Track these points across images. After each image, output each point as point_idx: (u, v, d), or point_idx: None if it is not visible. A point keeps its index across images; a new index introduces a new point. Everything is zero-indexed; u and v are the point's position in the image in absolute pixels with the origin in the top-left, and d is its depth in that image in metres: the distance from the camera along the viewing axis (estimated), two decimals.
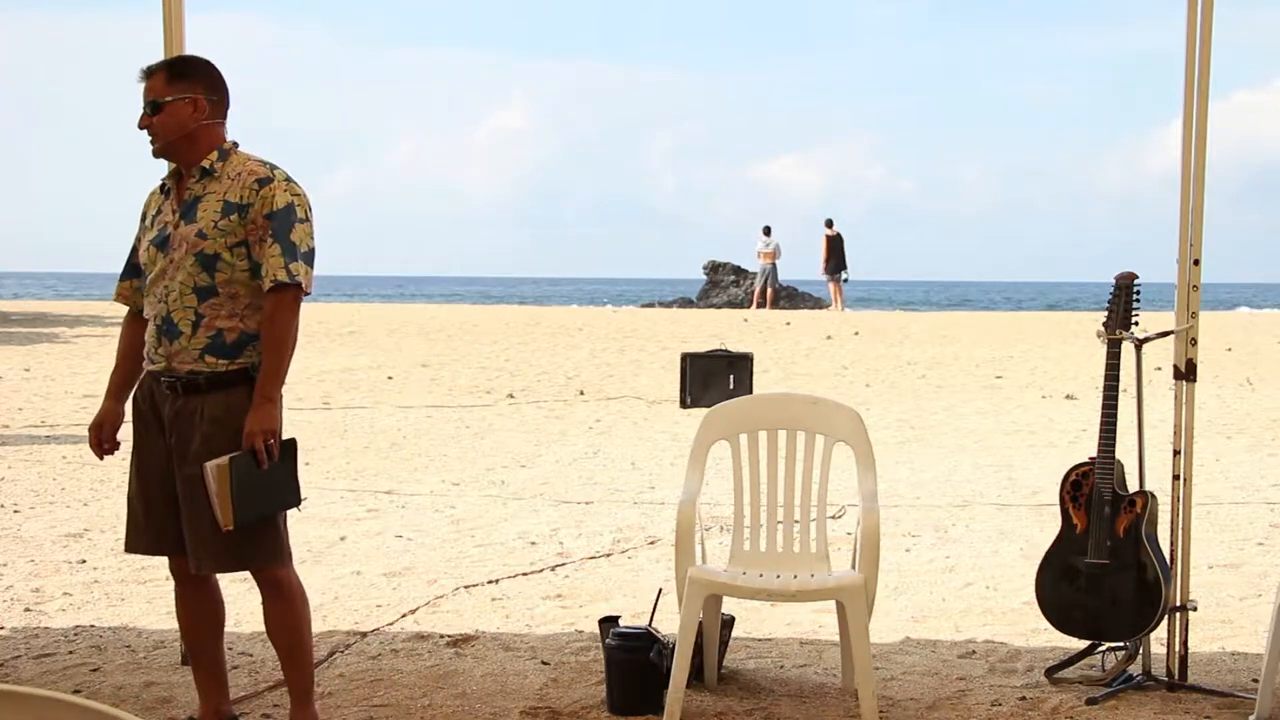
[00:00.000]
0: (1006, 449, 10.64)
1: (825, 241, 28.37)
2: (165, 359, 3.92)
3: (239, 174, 3.93)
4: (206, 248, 3.87)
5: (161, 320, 3.92)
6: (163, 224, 3.97)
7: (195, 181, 3.94)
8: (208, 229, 3.89)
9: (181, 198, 3.96)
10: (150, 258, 3.96)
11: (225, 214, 3.88)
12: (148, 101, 3.93)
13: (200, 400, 3.89)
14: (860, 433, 4.71)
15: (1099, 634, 4.74)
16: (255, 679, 4.78)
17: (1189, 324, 4.66)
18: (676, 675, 4.33)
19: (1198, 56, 4.56)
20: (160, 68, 3.99)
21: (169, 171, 4.07)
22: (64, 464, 9.55)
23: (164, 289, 3.92)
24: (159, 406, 3.96)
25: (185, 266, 3.88)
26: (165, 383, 3.93)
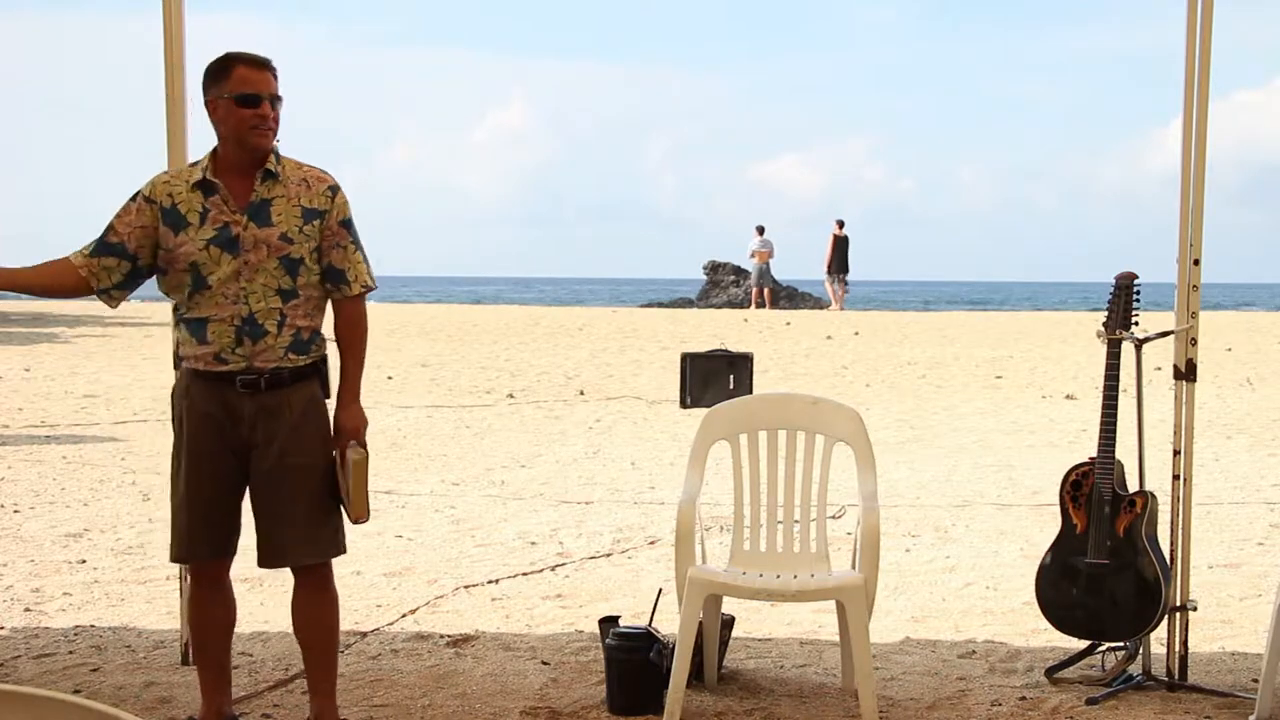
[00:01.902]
0: (1006, 449, 10.64)
1: (831, 240, 28.32)
2: (246, 358, 3.91)
3: (304, 179, 3.99)
4: (292, 252, 3.93)
5: (242, 321, 3.90)
6: (221, 223, 3.90)
7: (260, 184, 3.93)
8: (292, 234, 3.94)
9: (246, 199, 3.92)
10: (213, 258, 3.89)
11: (307, 220, 3.96)
12: (271, 95, 3.92)
13: (285, 394, 3.96)
14: (860, 433, 4.71)
15: (1099, 634, 4.74)
16: (255, 679, 4.78)
17: (1189, 324, 4.66)
18: (676, 675, 4.34)
19: (1198, 56, 4.56)
20: (271, 63, 3.96)
21: (202, 168, 3.96)
22: (64, 464, 9.55)
23: (239, 290, 3.89)
24: (232, 406, 3.92)
25: (268, 269, 3.90)
26: (242, 381, 3.91)
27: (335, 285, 4.03)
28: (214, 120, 3.96)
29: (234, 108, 3.89)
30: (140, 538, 7.20)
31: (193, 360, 3.96)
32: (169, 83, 4.82)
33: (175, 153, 4.84)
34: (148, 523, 7.57)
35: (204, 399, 3.95)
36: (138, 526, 7.49)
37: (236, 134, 3.91)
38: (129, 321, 25.52)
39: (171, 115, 4.83)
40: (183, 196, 3.93)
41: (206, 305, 3.91)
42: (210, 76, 3.95)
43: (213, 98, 3.94)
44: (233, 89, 3.89)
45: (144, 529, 7.42)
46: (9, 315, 27.02)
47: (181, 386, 4.02)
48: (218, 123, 3.95)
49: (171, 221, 3.92)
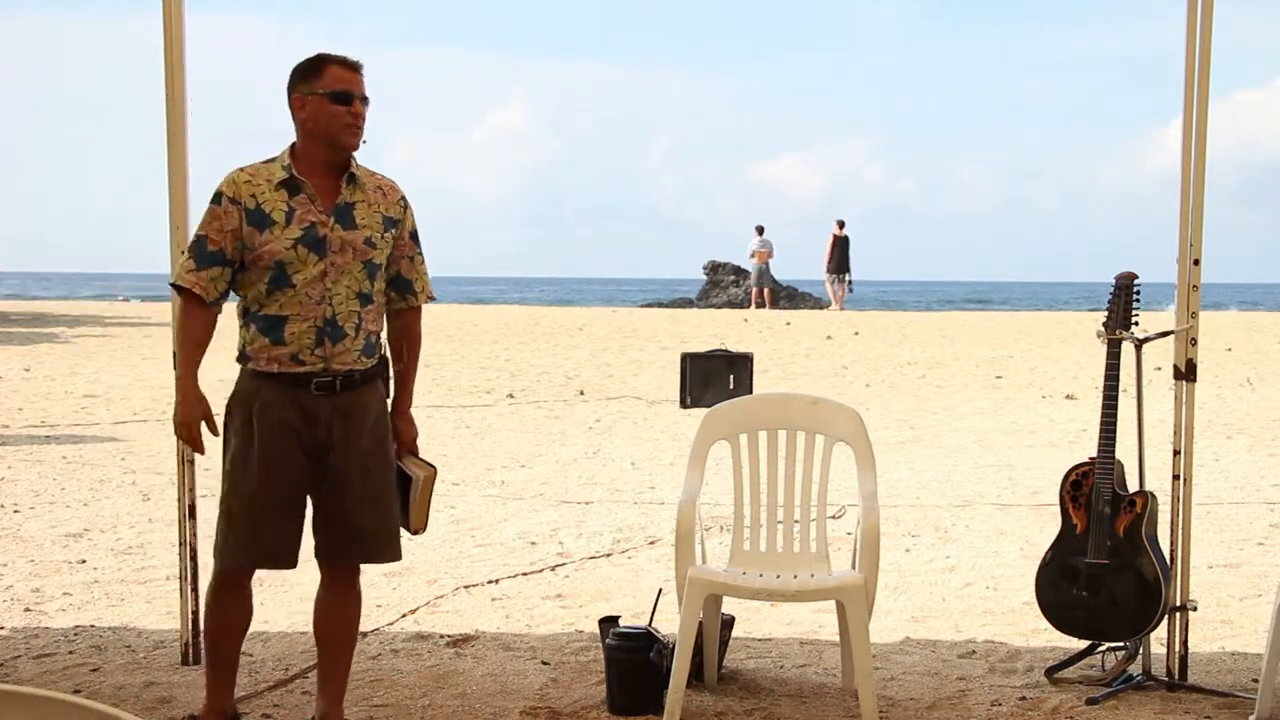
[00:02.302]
0: (1006, 449, 10.64)
1: (831, 240, 28.31)
2: (324, 360, 3.88)
3: (378, 187, 4.01)
4: (375, 257, 3.95)
5: (324, 322, 3.87)
6: (308, 223, 3.87)
7: (346, 186, 3.93)
8: (376, 240, 3.95)
9: (332, 199, 3.90)
10: (300, 257, 3.85)
11: (386, 228, 3.99)
12: (362, 95, 3.90)
13: (359, 396, 3.97)
14: (860, 433, 4.71)
15: (1099, 634, 4.74)
16: (255, 679, 4.78)
17: (1189, 324, 4.66)
18: (676, 675, 4.33)
19: (1198, 56, 4.56)
20: (362, 66, 3.94)
21: (282, 166, 3.91)
22: (64, 464, 9.55)
23: (323, 291, 3.87)
24: (307, 408, 3.89)
25: (352, 272, 3.90)
26: (318, 383, 3.89)
27: (401, 295, 4.07)
28: (300, 117, 3.92)
29: (327, 104, 3.86)
30: (140, 538, 7.19)
31: (265, 361, 3.89)
32: (169, 83, 4.82)
33: (175, 153, 4.84)
34: (148, 523, 7.57)
35: (278, 401, 3.89)
36: (138, 526, 7.49)
37: (327, 131, 3.88)
38: (129, 321, 25.52)
39: (171, 115, 4.83)
40: (266, 196, 3.88)
41: (288, 304, 3.86)
42: (300, 74, 3.91)
43: (302, 94, 3.89)
44: (326, 86, 3.86)
45: (144, 529, 7.42)
46: (9, 315, 27.02)
47: (249, 388, 3.94)
48: (305, 119, 3.90)
49: (256, 221, 3.86)
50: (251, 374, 3.94)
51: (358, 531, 3.98)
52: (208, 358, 4.05)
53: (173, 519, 5.29)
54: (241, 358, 3.97)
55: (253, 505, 3.94)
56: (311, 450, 3.92)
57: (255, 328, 3.91)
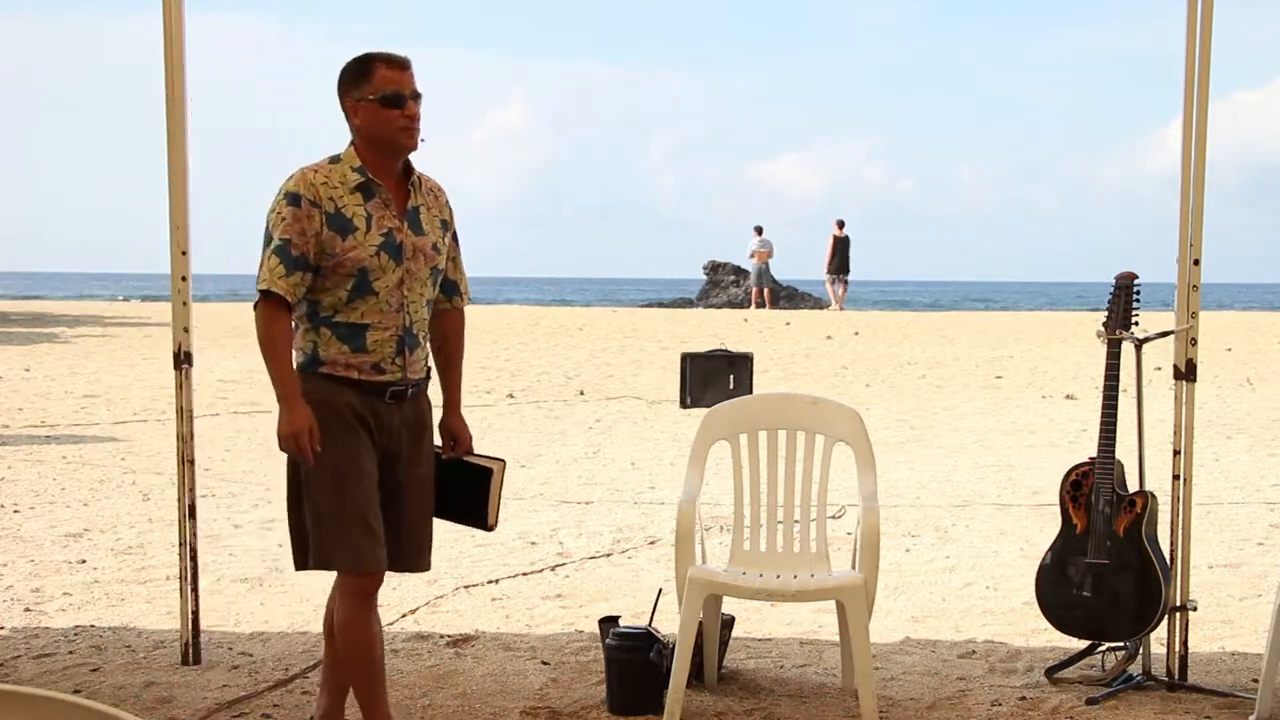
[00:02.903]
0: (1006, 449, 10.64)
1: (831, 241, 28.31)
2: (402, 369, 3.82)
3: (431, 190, 3.96)
4: (439, 263, 3.92)
5: (403, 330, 3.81)
6: (385, 229, 3.78)
7: (412, 190, 3.87)
8: (440, 245, 3.91)
9: (403, 204, 3.84)
10: (382, 264, 3.76)
11: (444, 232, 3.95)
12: (414, 93, 3.81)
13: (421, 404, 3.95)
14: (860, 433, 4.71)
15: (1099, 634, 4.74)
16: (255, 679, 4.78)
17: (1189, 324, 4.66)
18: (676, 675, 4.33)
19: (1198, 56, 4.56)
20: (409, 60, 3.84)
21: (354, 168, 3.79)
22: (64, 464, 9.55)
23: (401, 299, 3.80)
24: (381, 416, 3.81)
25: (423, 279, 3.85)
26: (393, 392, 3.82)
27: (447, 296, 4.02)
28: (354, 123, 3.82)
29: (379, 110, 3.76)
30: (140, 538, 7.20)
31: (343, 368, 3.78)
32: (169, 83, 4.82)
33: (175, 153, 4.84)
34: (148, 523, 7.57)
35: (360, 405, 3.79)
36: (138, 526, 7.49)
37: (383, 136, 3.78)
38: (129, 321, 25.52)
39: (171, 115, 4.83)
40: (344, 200, 3.76)
41: (369, 313, 3.77)
42: (349, 78, 3.82)
43: (353, 100, 3.80)
44: (376, 90, 3.76)
45: (144, 529, 7.42)
46: (9, 315, 27.02)
47: (330, 390, 3.78)
48: (359, 125, 3.81)
49: (338, 226, 3.74)
50: (326, 377, 3.79)
51: (417, 542, 3.93)
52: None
53: (173, 519, 5.29)
54: (312, 362, 3.81)
55: (350, 511, 3.76)
56: (380, 459, 3.84)
57: (332, 334, 3.78)
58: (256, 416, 11.95)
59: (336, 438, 3.75)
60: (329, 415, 3.75)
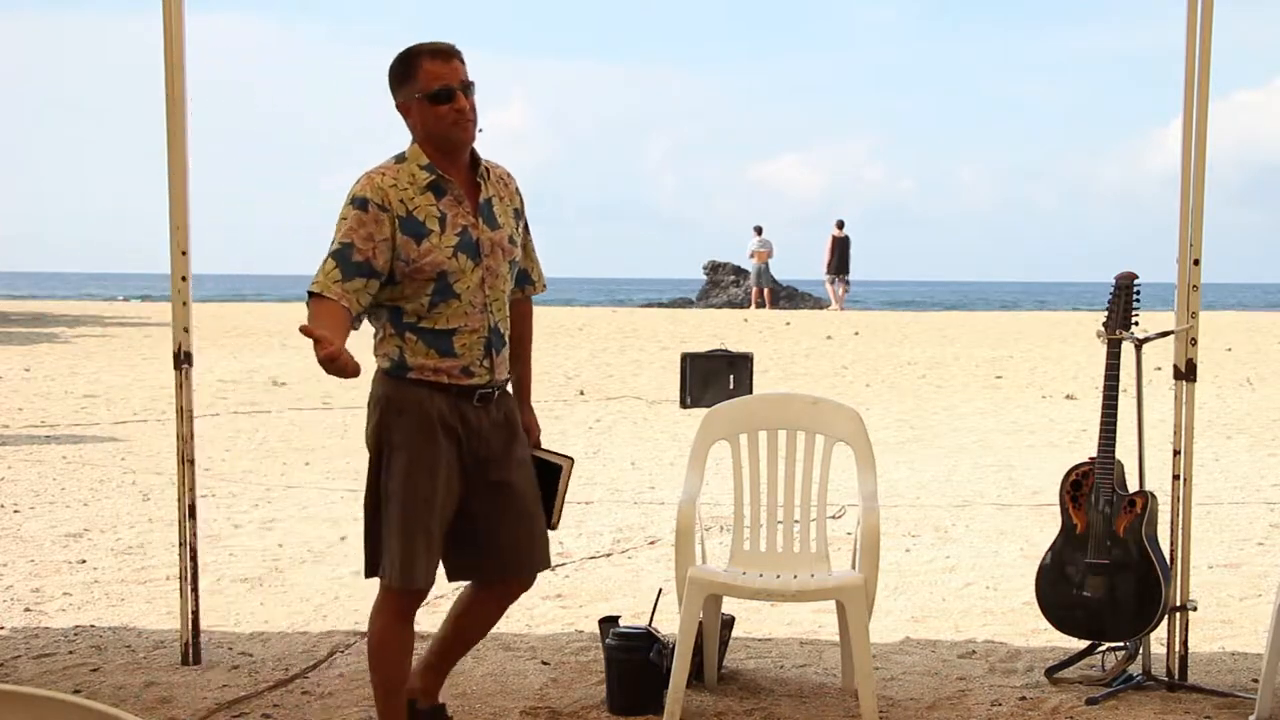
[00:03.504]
0: (1006, 449, 10.64)
1: (830, 241, 28.33)
2: (490, 371, 3.72)
3: (500, 178, 3.83)
4: (515, 255, 3.80)
5: (489, 331, 3.70)
6: (460, 227, 3.66)
7: (484, 182, 3.76)
8: (515, 236, 3.80)
9: (475, 199, 3.71)
10: (461, 266, 3.63)
11: (517, 221, 3.84)
12: (463, 83, 3.66)
13: (510, 403, 3.85)
14: (860, 433, 4.71)
15: (1099, 634, 4.74)
16: (255, 679, 4.78)
17: (1189, 324, 4.66)
18: (676, 675, 4.33)
19: (1198, 56, 4.56)
20: (456, 49, 3.69)
21: (423, 166, 3.67)
22: (64, 464, 9.55)
23: (485, 299, 3.69)
24: (469, 420, 3.70)
25: (503, 274, 3.74)
26: (480, 394, 3.72)
27: (519, 286, 3.90)
28: (409, 122, 3.71)
29: (429, 107, 3.63)
30: (140, 538, 7.20)
31: (432, 373, 3.66)
32: (169, 83, 4.82)
33: (175, 153, 4.84)
34: (148, 523, 7.57)
35: (449, 410, 3.68)
36: (138, 526, 7.49)
37: (437, 132, 3.65)
38: (129, 321, 25.52)
39: (171, 115, 4.83)
40: (416, 202, 3.63)
41: (454, 316, 3.65)
42: (397, 78, 3.70)
43: (403, 100, 3.68)
44: (423, 87, 3.63)
45: (144, 529, 7.42)
46: (9, 315, 27.02)
47: (417, 396, 3.66)
48: (413, 124, 3.70)
49: (411, 231, 3.60)
50: (414, 381, 3.67)
51: (536, 541, 3.84)
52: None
53: (173, 519, 5.29)
54: (399, 367, 3.68)
55: (421, 522, 3.67)
56: (468, 464, 3.73)
57: (419, 339, 3.66)
58: (256, 416, 11.96)
59: (420, 450, 3.65)
60: (417, 423, 3.65)
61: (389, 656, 3.81)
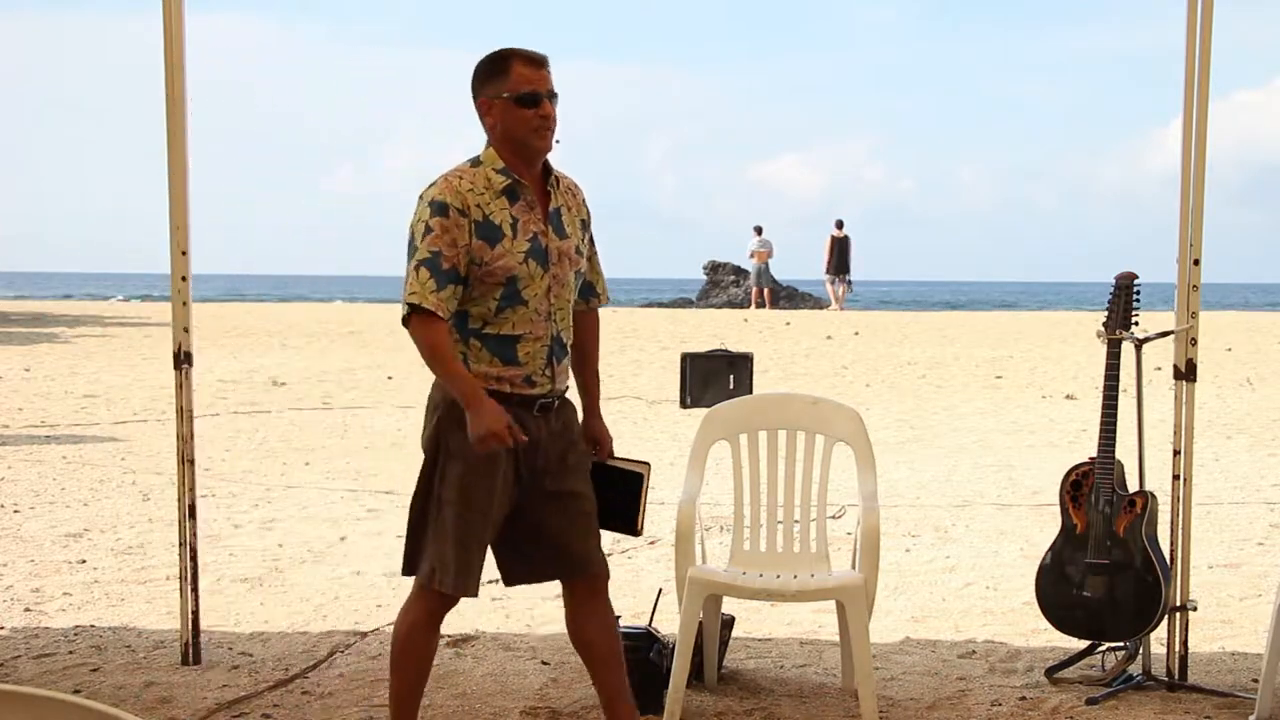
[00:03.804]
0: (1006, 449, 10.64)
1: (830, 242, 28.34)
2: (551, 380, 3.71)
3: (569, 188, 3.83)
4: (581, 266, 3.80)
5: (552, 340, 3.70)
6: (531, 234, 3.65)
7: (555, 191, 3.75)
8: (581, 247, 3.80)
9: (545, 206, 3.71)
10: (530, 271, 3.63)
11: (583, 232, 3.83)
12: (550, 92, 3.67)
13: (569, 413, 3.84)
14: (860, 433, 4.71)
15: (1099, 634, 4.74)
16: (255, 679, 4.78)
17: (1189, 324, 4.66)
18: (676, 675, 4.33)
19: (1198, 56, 4.56)
20: (547, 59, 3.71)
21: (497, 170, 3.66)
22: (64, 464, 9.55)
23: (550, 307, 3.68)
24: (529, 429, 3.67)
25: (569, 284, 3.73)
26: (541, 404, 3.71)
27: (584, 299, 3.89)
28: (488, 122, 3.69)
29: (513, 108, 3.63)
30: (140, 538, 7.20)
31: (494, 381, 3.65)
32: (169, 83, 4.82)
33: (175, 153, 4.84)
34: (148, 523, 7.57)
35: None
36: (138, 526, 7.49)
37: (516, 136, 3.65)
38: (129, 321, 25.52)
39: (171, 115, 4.83)
40: (490, 205, 3.62)
41: (520, 322, 3.65)
42: (484, 75, 3.69)
43: (487, 97, 3.67)
44: (512, 88, 3.63)
45: (144, 529, 7.42)
46: (9, 315, 27.03)
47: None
48: (493, 124, 3.68)
49: (486, 234, 3.60)
50: None
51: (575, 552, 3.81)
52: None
53: (173, 519, 5.29)
54: None
55: (475, 531, 3.68)
56: (523, 474, 3.72)
57: (482, 346, 3.66)
58: (256, 416, 11.96)
59: (476, 460, 3.64)
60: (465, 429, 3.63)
61: (414, 656, 3.80)
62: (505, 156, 3.68)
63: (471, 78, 3.73)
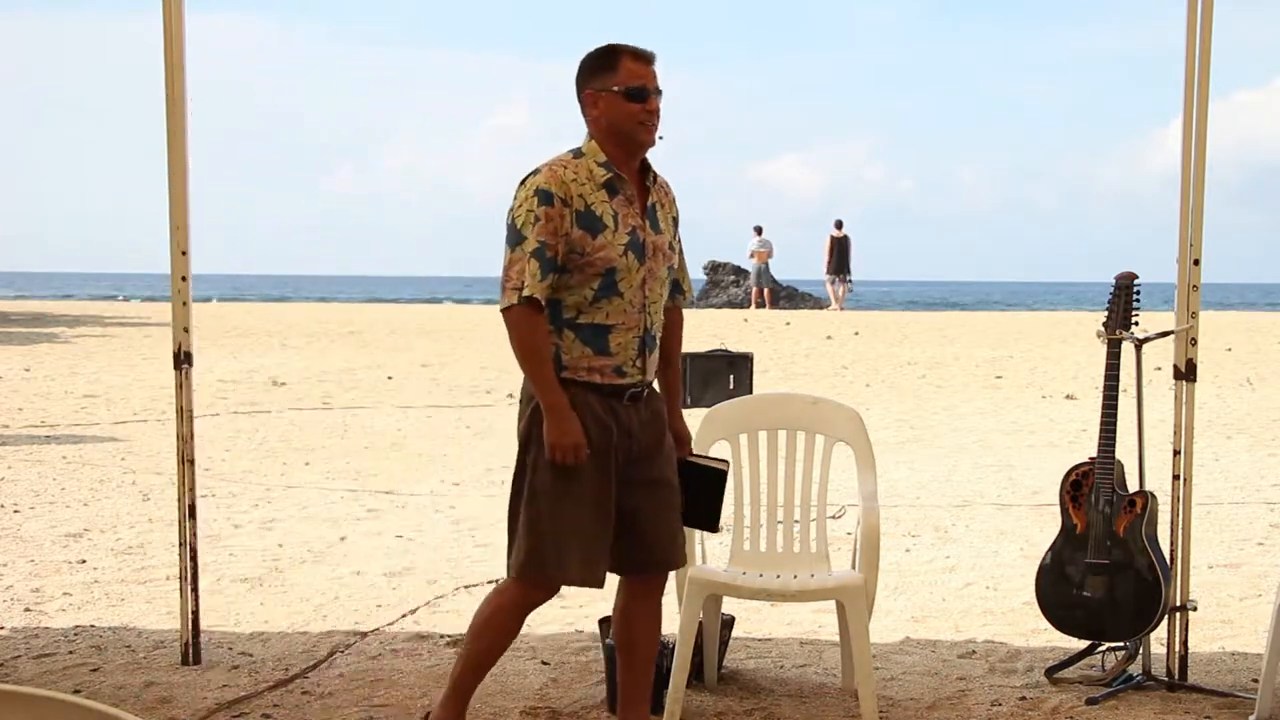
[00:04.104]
0: (1006, 449, 10.64)
1: (830, 242, 28.38)
2: (642, 371, 3.76)
3: (663, 186, 3.88)
4: (674, 261, 3.86)
5: (644, 332, 3.75)
6: (630, 227, 3.71)
7: (651, 187, 3.80)
8: (674, 243, 3.86)
9: (644, 202, 3.77)
10: (629, 264, 3.68)
11: (675, 229, 3.89)
12: (657, 88, 3.74)
13: (658, 403, 3.88)
14: (860, 433, 4.71)
15: (1099, 634, 4.74)
16: (255, 679, 4.78)
17: (1189, 324, 4.66)
18: (676, 675, 4.33)
19: (1198, 56, 4.56)
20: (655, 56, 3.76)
21: (600, 163, 3.71)
22: (64, 464, 9.55)
23: (644, 299, 3.73)
24: (622, 419, 3.74)
25: (662, 278, 3.79)
26: (631, 394, 3.75)
27: (670, 296, 3.91)
28: (593, 114, 3.74)
29: (622, 102, 3.69)
30: (140, 538, 7.20)
31: (585, 372, 3.70)
32: (169, 83, 4.82)
33: (175, 153, 4.84)
34: (148, 523, 7.57)
35: (603, 411, 3.71)
36: (138, 526, 7.49)
37: (622, 129, 3.70)
38: (129, 321, 25.53)
39: (171, 115, 4.83)
40: (593, 197, 3.67)
41: (614, 314, 3.69)
42: (593, 68, 3.75)
43: (594, 90, 3.72)
44: (621, 82, 3.69)
45: (144, 529, 7.42)
46: (9, 315, 27.03)
47: (571, 397, 3.69)
48: (598, 116, 3.73)
49: (587, 224, 3.65)
50: (568, 381, 3.70)
51: (667, 539, 3.87)
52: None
53: (173, 519, 5.29)
54: (554, 365, 3.72)
55: (594, 519, 3.71)
56: (620, 461, 3.75)
57: (575, 336, 3.70)
58: (256, 416, 11.96)
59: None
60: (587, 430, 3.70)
61: (493, 632, 3.88)
62: (608, 150, 3.74)
63: (578, 71, 3.79)
